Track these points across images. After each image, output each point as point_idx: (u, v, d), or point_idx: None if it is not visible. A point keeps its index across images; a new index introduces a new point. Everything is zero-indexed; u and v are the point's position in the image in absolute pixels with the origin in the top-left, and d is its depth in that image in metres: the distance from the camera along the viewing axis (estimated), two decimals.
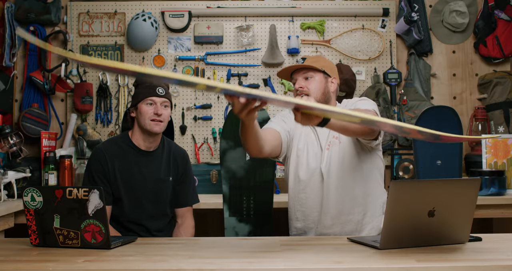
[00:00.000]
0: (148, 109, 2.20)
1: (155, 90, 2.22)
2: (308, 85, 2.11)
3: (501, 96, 3.42)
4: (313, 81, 2.11)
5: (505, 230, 3.10)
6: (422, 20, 3.49)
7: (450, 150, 2.95)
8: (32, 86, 3.38)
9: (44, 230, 1.71)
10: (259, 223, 2.73)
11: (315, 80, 2.11)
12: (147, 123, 2.20)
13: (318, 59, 2.20)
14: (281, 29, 3.51)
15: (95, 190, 1.66)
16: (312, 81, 2.11)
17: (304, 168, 2.15)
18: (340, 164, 2.09)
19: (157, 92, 2.22)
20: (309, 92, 2.09)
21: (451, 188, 1.67)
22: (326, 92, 2.13)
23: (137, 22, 3.37)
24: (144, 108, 2.21)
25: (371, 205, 2.14)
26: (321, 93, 2.11)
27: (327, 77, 2.14)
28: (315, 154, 2.14)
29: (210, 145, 3.46)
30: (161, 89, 2.24)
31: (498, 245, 1.73)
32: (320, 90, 2.11)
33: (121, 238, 1.85)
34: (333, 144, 2.11)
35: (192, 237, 2.33)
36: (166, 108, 2.24)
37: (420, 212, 1.62)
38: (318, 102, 1.99)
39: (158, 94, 2.22)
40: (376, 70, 3.51)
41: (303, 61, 2.15)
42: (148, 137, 2.25)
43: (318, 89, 2.11)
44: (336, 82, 2.18)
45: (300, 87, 2.11)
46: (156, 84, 2.23)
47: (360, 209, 2.12)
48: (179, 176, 2.35)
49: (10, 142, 2.93)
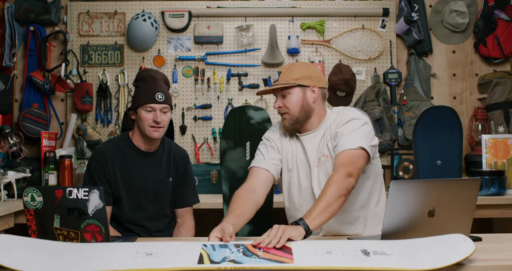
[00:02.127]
0: (147, 116, 2.17)
1: (154, 97, 2.17)
2: (286, 103, 2.04)
3: (501, 96, 3.42)
4: (290, 98, 2.04)
5: (505, 230, 3.10)
6: (422, 20, 3.49)
7: (450, 150, 2.95)
8: (32, 86, 3.38)
9: (44, 230, 1.71)
10: (259, 223, 2.72)
11: (291, 97, 2.03)
12: (146, 129, 2.19)
13: (293, 69, 2.06)
14: (281, 29, 3.51)
15: (95, 190, 1.66)
16: (289, 98, 2.04)
17: (296, 187, 2.10)
18: None
19: (156, 98, 2.17)
20: (288, 111, 2.04)
21: (451, 188, 1.67)
22: (305, 105, 2.03)
23: (137, 22, 3.37)
24: (143, 114, 2.18)
25: (370, 216, 2.07)
26: (300, 108, 2.03)
27: (304, 88, 2.04)
28: (305, 173, 2.07)
29: (210, 145, 3.46)
30: (161, 95, 2.19)
31: (498, 245, 1.73)
32: (298, 105, 2.03)
33: (121, 238, 1.85)
34: (324, 162, 2.03)
35: (192, 237, 2.33)
36: (165, 114, 2.21)
37: (420, 212, 1.62)
38: (297, 118, 2.02)
39: (157, 101, 2.17)
40: (376, 70, 3.51)
41: (279, 75, 2.07)
42: (148, 140, 2.24)
43: (296, 105, 2.03)
44: (318, 89, 2.05)
45: (279, 107, 2.06)
46: (155, 89, 2.18)
47: (359, 221, 2.06)
48: (179, 176, 2.35)
49: (10, 142, 2.93)
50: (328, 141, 2.03)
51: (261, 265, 1.41)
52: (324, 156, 2.03)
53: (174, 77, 3.45)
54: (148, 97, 2.18)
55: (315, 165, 2.04)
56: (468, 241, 1.48)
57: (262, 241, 1.57)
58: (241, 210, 1.88)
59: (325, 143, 2.04)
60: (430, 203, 1.62)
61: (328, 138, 2.03)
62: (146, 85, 2.21)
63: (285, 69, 2.07)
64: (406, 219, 1.62)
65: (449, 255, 1.43)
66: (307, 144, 2.07)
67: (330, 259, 1.45)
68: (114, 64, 3.48)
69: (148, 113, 2.18)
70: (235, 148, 2.74)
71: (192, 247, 1.56)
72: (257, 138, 2.75)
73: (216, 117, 3.47)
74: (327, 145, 2.03)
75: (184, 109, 3.46)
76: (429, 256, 1.47)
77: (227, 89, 3.48)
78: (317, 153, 2.05)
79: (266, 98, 3.47)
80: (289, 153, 2.12)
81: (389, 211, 1.61)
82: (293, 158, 2.11)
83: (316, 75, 2.07)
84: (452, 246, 1.49)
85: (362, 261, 1.43)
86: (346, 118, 2.01)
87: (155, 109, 2.18)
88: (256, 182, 2.04)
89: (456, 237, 1.52)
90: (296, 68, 2.07)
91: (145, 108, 2.18)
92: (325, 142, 2.04)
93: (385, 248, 1.54)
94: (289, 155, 2.12)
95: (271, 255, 1.49)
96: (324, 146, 2.04)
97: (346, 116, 2.02)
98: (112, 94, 3.46)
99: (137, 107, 2.20)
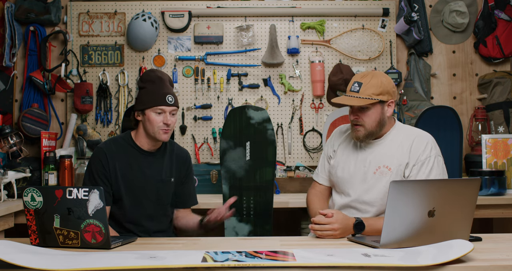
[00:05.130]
0: (158, 118, 2.16)
1: (165, 99, 2.16)
2: (363, 117, 2.05)
3: (501, 96, 3.42)
4: (368, 113, 2.04)
5: (505, 230, 3.10)
6: (422, 20, 3.49)
7: (450, 150, 2.95)
8: (32, 86, 3.38)
9: (44, 230, 1.71)
10: (259, 223, 2.73)
11: (370, 112, 2.04)
12: (156, 132, 2.17)
13: (374, 81, 2.03)
14: (281, 29, 3.51)
15: (95, 190, 1.66)
16: (367, 112, 2.04)
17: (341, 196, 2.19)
18: (385, 195, 2.02)
19: (167, 101, 2.16)
20: (363, 123, 2.05)
21: (451, 188, 1.67)
22: (381, 120, 2.06)
23: (137, 22, 3.37)
24: (153, 116, 2.16)
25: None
26: (376, 124, 2.06)
27: (383, 103, 2.05)
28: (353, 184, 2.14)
29: (210, 145, 3.46)
30: (171, 97, 2.18)
31: (498, 245, 1.73)
32: (376, 121, 2.05)
33: (121, 238, 1.85)
34: (384, 173, 2.07)
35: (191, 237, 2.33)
36: (174, 116, 2.20)
37: (420, 212, 1.62)
38: (371, 132, 2.06)
39: (168, 103, 2.16)
40: (376, 70, 3.51)
41: (359, 86, 2.02)
42: (154, 141, 2.23)
43: (374, 121, 2.05)
44: (394, 103, 2.09)
45: (355, 118, 2.07)
46: (165, 91, 2.17)
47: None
48: (181, 177, 2.35)
49: (10, 141, 2.93)
50: (397, 156, 2.06)
51: (264, 263, 1.41)
52: (385, 167, 2.07)
53: (174, 77, 3.45)
54: (159, 99, 2.16)
55: (373, 171, 2.08)
56: (466, 242, 1.50)
57: (315, 224, 1.89)
58: None
59: (390, 155, 2.07)
60: (430, 203, 1.62)
61: (399, 154, 2.06)
62: (154, 86, 2.19)
63: (365, 80, 2.04)
64: (406, 219, 1.62)
65: (448, 253, 1.44)
66: (369, 150, 2.12)
67: (332, 259, 1.46)
68: (114, 64, 3.48)
69: (158, 115, 2.16)
70: (235, 148, 2.74)
71: (195, 252, 1.57)
72: (257, 138, 2.76)
73: (216, 117, 3.47)
74: (393, 158, 2.06)
75: (184, 109, 3.46)
76: (429, 254, 1.48)
77: (227, 89, 3.48)
78: (377, 161, 2.09)
79: (266, 98, 3.47)
80: (341, 158, 2.19)
81: (389, 211, 1.61)
82: (345, 164, 2.17)
83: (394, 90, 2.09)
84: (451, 246, 1.50)
85: (363, 260, 1.45)
86: (426, 152, 2.05)
87: (165, 111, 2.16)
88: (320, 201, 2.29)
89: (455, 240, 1.54)
90: (377, 80, 2.04)
91: (155, 110, 2.16)
92: (392, 155, 2.07)
93: (385, 252, 1.55)
94: (341, 160, 2.19)
95: (273, 257, 1.50)
96: (386, 158, 2.07)
97: (426, 151, 2.06)
98: (112, 94, 3.46)
99: (145, 108, 2.19)
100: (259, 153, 2.75)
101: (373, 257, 1.47)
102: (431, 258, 1.44)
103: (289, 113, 3.49)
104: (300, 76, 3.50)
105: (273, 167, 2.78)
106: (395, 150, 2.07)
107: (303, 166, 3.34)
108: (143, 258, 1.48)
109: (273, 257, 1.49)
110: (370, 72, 2.08)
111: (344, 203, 2.14)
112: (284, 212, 3.21)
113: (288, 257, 1.49)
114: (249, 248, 1.65)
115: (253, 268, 1.41)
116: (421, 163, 2.04)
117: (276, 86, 3.49)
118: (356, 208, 2.10)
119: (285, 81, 3.46)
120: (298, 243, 1.87)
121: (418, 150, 2.05)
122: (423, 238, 1.64)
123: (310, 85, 3.50)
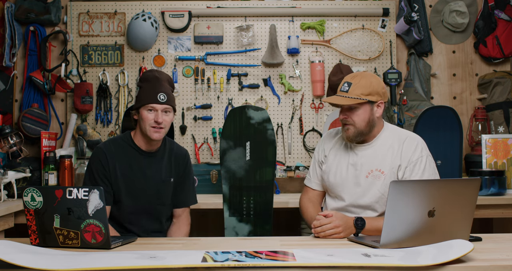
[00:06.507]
0: (149, 116, 2.17)
1: (156, 97, 2.17)
2: (352, 116, 2.06)
3: (501, 96, 3.42)
4: (357, 113, 2.05)
5: (505, 230, 3.10)
6: (422, 20, 3.49)
7: (450, 150, 2.95)
8: (32, 86, 3.38)
9: (44, 230, 1.71)
10: (259, 223, 2.73)
11: (359, 111, 2.05)
12: (147, 130, 2.18)
13: (363, 82, 2.05)
14: (281, 29, 3.51)
15: (95, 190, 1.66)
16: (357, 112, 2.05)
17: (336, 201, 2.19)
18: (380, 198, 2.06)
19: (158, 99, 2.17)
20: (353, 123, 2.06)
21: (451, 188, 1.67)
22: (371, 120, 2.07)
23: (137, 22, 3.37)
24: (144, 114, 2.18)
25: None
26: (366, 123, 2.06)
27: (373, 103, 2.07)
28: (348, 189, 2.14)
29: (210, 145, 3.46)
30: (163, 95, 2.18)
31: (498, 245, 1.73)
32: (365, 121, 2.06)
33: (121, 238, 1.85)
34: (376, 176, 2.07)
35: (188, 236, 2.33)
36: (167, 114, 2.20)
37: (420, 212, 1.62)
38: (361, 132, 2.06)
39: (159, 101, 2.17)
40: (376, 70, 3.51)
41: (348, 86, 2.04)
42: (150, 141, 2.24)
43: (363, 120, 2.06)
44: (383, 104, 2.10)
45: (344, 118, 2.08)
46: (158, 90, 2.18)
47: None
48: (180, 176, 2.35)
49: (10, 141, 2.93)
50: (388, 159, 2.07)
51: (264, 263, 1.42)
52: (377, 170, 2.07)
53: (174, 77, 3.45)
54: (150, 97, 2.17)
55: (365, 175, 2.08)
56: (466, 242, 1.50)
57: (316, 224, 1.90)
58: None
59: (382, 158, 2.08)
60: (430, 203, 1.62)
61: (390, 157, 2.07)
62: (149, 85, 2.20)
63: (355, 80, 2.06)
64: (406, 219, 1.62)
65: (448, 253, 1.45)
66: (360, 154, 2.12)
67: (332, 259, 1.46)
68: (114, 64, 3.48)
69: (150, 113, 2.18)
70: (235, 148, 2.74)
71: (195, 252, 1.57)
72: (257, 137, 2.76)
73: (216, 117, 3.47)
74: (385, 161, 2.07)
75: (184, 109, 3.46)
76: (429, 254, 1.48)
77: (227, 89, 3.48)
78: (369, 165, 2.09)
79: (266, 98, 3.47)
80: (333, 163, 2.18)
81: (390, 211, 1.61)
82: (337, 168, 2.16)
83: (383, 91, 2.10)
84: (451, 246, 1.51)
85: (363, 260, 1.45)
86: (417, 153, 2.06)
87: (156, 109, 2.17)
88: (312, 205, 2.27)
89: (455, 240, 1.54)
90: (366, 81, 2.06)
91: (146, 108, 2.18)
92: (383, 157, 2.08)
93: (385, 252, 1.55)
94: (333, 164, 2.19)
95: (273, 257, 1.50)
96: (378, 161, 2.08)
97: (417, 152, 2.06)
98: (112, 94, 3.46)
99: (139, 107, 2.20)
100: (259, 153, 2.75)
101: (373, 257, 1.48)
102: (431, 258, 1.44)
103: (289, 113, 3.49)
104: (300, 76, 3.50)
105: (273, 167, 2.78)
106: (386, 153, 2.08)
107: (303, 166, 3.34)
108: (143, 258, 1.48)
109: (273, 257, 1.49)
110: (360, 73, 2.10)
111: (339, 207, 2.14)
112: (284, 212, 3.21)
113: (288, 257, 1.49)
114: (249, 248, 1.65)
115: (253, 268, 1.41)
116: (413, 164, 2.05)
117: (276, 86, 3.49)
118: (351, 212, 2.10)
119: (285, 81, 3.46)
120: (298, 243, 1.87)
121: (408, 151, 2.06)
122: (423, 238, 1.64)
123: (310, 85, 3.50)
